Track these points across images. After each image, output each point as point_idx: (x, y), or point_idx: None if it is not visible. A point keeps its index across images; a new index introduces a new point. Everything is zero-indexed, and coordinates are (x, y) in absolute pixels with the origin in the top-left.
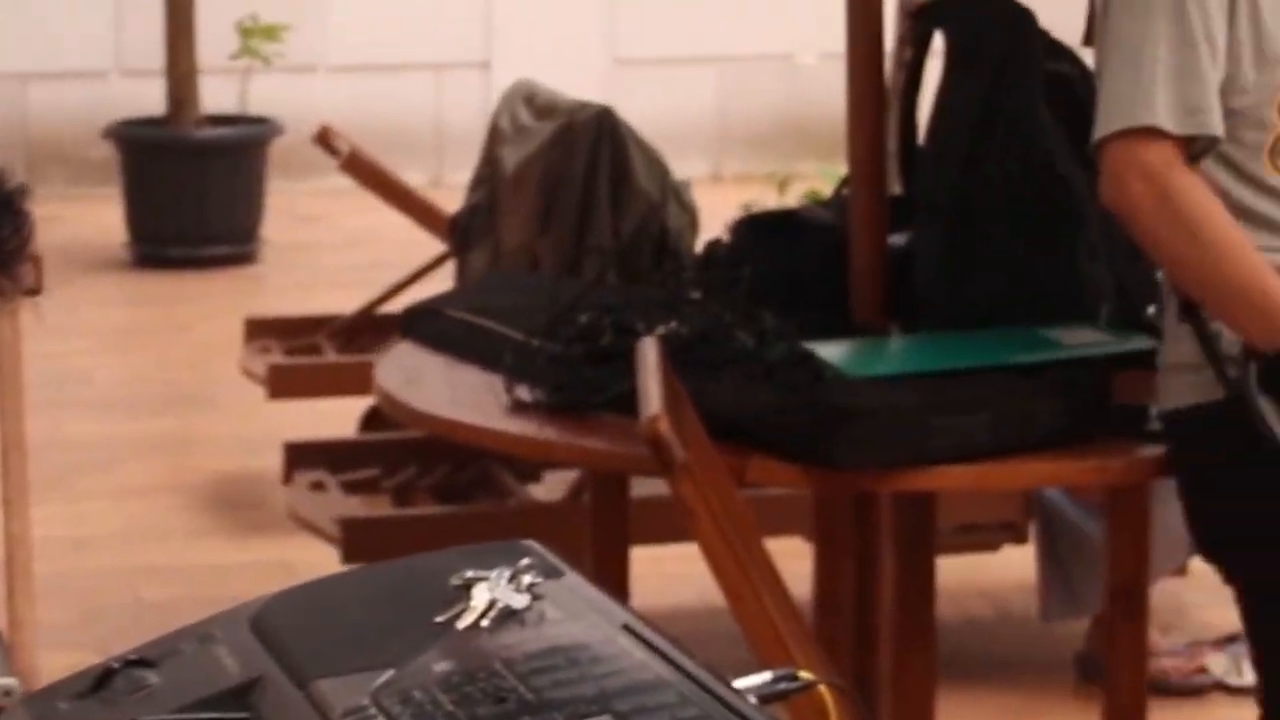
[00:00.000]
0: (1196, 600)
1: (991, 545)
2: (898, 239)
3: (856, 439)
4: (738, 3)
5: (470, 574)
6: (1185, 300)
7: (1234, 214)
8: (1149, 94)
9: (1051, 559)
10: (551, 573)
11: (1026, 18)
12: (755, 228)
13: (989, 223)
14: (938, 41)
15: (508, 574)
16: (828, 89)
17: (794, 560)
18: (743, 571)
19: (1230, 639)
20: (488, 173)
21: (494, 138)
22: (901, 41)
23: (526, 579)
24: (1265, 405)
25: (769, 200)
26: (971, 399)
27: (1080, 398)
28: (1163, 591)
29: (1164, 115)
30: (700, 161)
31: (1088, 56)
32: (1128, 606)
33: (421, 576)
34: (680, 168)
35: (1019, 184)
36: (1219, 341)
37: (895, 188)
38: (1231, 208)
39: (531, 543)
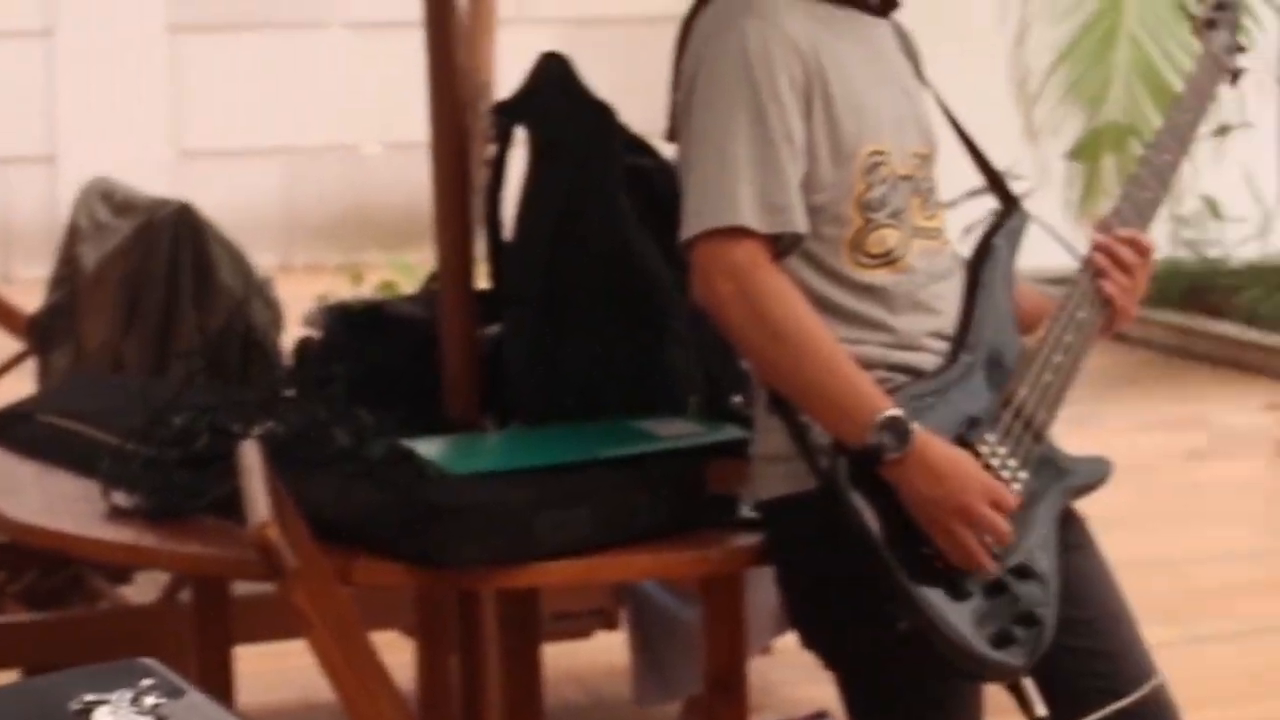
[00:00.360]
0: (784, 677)
1: (584, 632)
2: (488, 332)
3: (460, 536)
4: (302, 93)
5: (90, 697)
6: (774, 393)
7: (818, 308)
8: (733, 193)
9: (644, 644)
10: (173, 692)
11: (605, 113)
12: (344, 323)
13: (574, 313)
14: (520, 135)
15: (129, 695)
16: (392, 178)
17: (393, 653)
18: (357, 675)
19: (819, 715)
20: (67, 271)
21: (72, 235)
22: (483, 137)
23: (149, 700)
24: (856, 497)
25: (342, 291)
26: (572, 494)
27: (676, 489)
28: (751, 670)
29: (748, 214)
30: (269, 253)
31: (668, 150)
32: (726, 693)
33: (38, 702)
34: (249, 258)
35: (602, 274)
36: (809, 432)
37: (484, 281)
38: (815, 302)
39: (151, 661)
